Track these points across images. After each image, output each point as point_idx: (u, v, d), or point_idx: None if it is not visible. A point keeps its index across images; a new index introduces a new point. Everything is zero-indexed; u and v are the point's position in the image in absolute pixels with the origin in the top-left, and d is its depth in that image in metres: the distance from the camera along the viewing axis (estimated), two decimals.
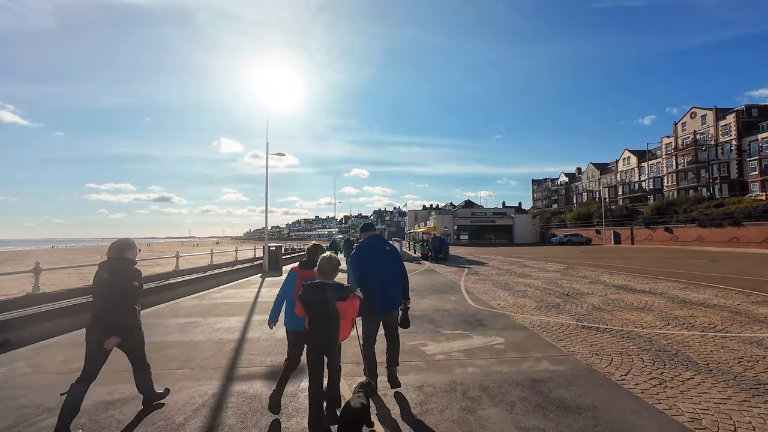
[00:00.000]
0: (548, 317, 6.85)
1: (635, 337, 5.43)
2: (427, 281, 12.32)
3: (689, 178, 59.25)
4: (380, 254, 3.89)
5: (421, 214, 62.03)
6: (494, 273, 14.31)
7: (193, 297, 9.92)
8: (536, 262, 19.02)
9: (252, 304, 8.97)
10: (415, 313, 7.30)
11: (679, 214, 36.84)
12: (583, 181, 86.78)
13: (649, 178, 68.90)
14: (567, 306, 7.79)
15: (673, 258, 20.81)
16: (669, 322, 6.34)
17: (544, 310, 7.43)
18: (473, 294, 9.53)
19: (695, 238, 33.36)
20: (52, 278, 24.48)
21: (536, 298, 8.80)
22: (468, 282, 11.85)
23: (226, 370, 4.53)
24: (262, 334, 6.10)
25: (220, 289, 11.50)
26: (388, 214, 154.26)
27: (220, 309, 8.32)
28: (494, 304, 8.12)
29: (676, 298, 8.36)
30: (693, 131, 58.99)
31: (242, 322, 7.08)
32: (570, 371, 4.21)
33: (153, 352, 5.25)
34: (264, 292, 10.85)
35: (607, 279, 11.93)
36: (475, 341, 5.43)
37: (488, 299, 8.77)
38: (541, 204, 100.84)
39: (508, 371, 4.25)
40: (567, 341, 5.33)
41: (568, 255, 24.61)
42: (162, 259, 23.59)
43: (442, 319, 6.89)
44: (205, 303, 9.06)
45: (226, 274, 14.38)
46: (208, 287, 12.00)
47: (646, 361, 4.46)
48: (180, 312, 8.07)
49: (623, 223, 44.57)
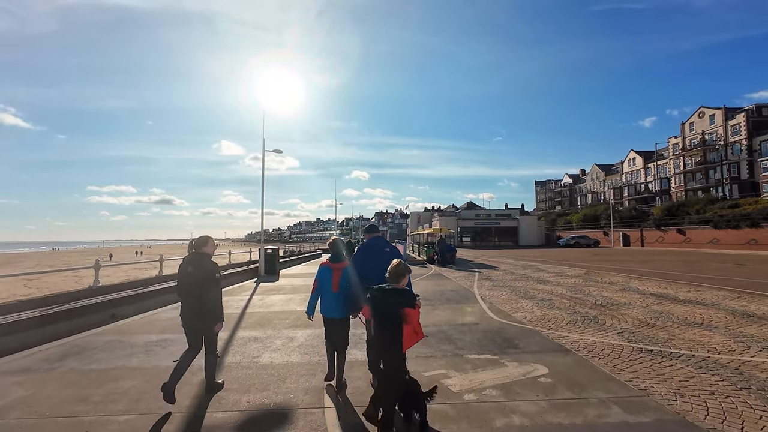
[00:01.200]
0: (590, 335, 5.67)
1: (717, 368, 4.25)
2: (437, 288, 11.15)
3: (698, 178, 57.96)
4: (380, 255, 3.92)
5: (423, 216, 60.90)
6: (509, 278, 13.12)
7: (173, 307, 8.77)
8: (550, 265, 17.82)
9: (239, 315, 7.82)
10: (429, 329, 6.15)
11: (692, 216, 35.56)
12: (587, 182, 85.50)
13: (655, 179, 67.61)
14: (607, 320, 6.60)
15: (695, 261, 19.56)
16: (747, 344, 5.15)
17: (582, 326, 6.25)
18: (492, 304, 8.36)
19: (710, 240, 32.07)
20: (47, 281, 23.52)
21: (566, 309, 7.62)
22: (483, 289, 10.67)
23: (185, 417, 3.37)
24: (244, 359, 4.94)
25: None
26: (390, 216, 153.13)
27: None
28: (519, 317, 6.94)
29: (735, 311, 7.16)
30: (701, 131, 57.72)
31: (223, 339, 5.93)
32: (658, 426, 3.03)
33: (101, 384, 4.11)
34: (256, 300, 9.70)
35: (639, 285, 10.73)
36: (510, 371, 4.25)
37: (510, 310, 7.60)
38: (544, 206, 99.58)
39: (569, 424, 3.07)
40: (630, 372, 4.15)
41: (581, 258, 23.41)
42: (147, 263, 22.44)
43: (461, 337, 5.72)
44: None
45: (223, 278, 13.25)
46: None
47: (756, 409, 3.28)
48: (154, 326, 6.93)
49: (632, 224, 43.31)
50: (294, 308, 8.50)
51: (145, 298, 9.01)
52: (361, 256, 4.06)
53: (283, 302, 9.29)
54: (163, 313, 8.10)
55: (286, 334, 6.22)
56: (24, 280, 22.32)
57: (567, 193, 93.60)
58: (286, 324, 6.92)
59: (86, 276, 23.71)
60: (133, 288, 9.65)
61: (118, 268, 28.56)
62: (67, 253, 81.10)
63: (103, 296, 8.17)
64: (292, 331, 6.37)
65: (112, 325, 6.96)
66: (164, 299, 9.59)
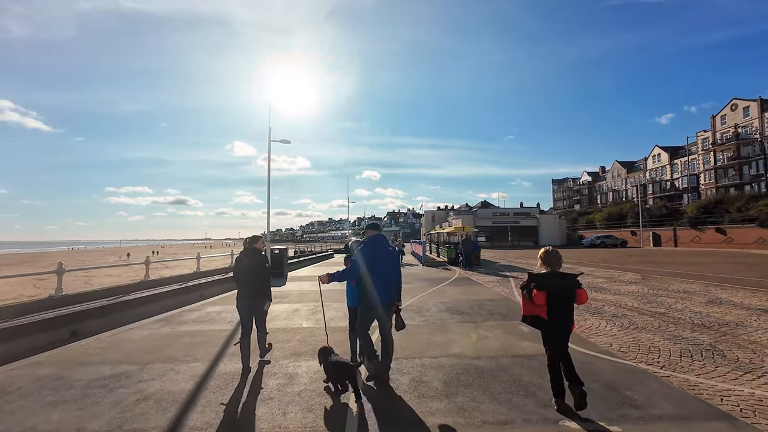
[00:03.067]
0: (734, 381, 3.78)
1: None
2: (471, 296, 9.31)
3: (730, 175, 54.50)
4: (386, 251, 4.08)
5: (438, 215, 58.88)
6: None
7: (154, 320, 7.17)
8: (592, 269, 15.75)
9: (230, 334, 6.16)
10: (481, 362, 4.39)
11: (732, 213, 32.76)
12: (607, 180, 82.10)
13: (682, 176, 64.19)
14: (736, 352, 4.67)
15: (756, 264, 17.17)
16: None
17: (706, 362, 4.36)
18: None
19: (755, 240, 29.32)
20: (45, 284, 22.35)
21: (660, 331, 5.70)
22: None
23: None
24: (214, 417, 3.24)
25: (199, 306, 8.76)
26: (402, 216, 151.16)
27: (178, 346, 5.51)
28: (603, 345, 5.09)
29: None
30: (734, 124, 54.20)
31: (197, 376, 4.25)
32: None
33: None
34: None
35: (726, 296, 8.65)
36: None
37: (582, 331, 5.74)
38: (561, 204, 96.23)
39: None
40: None
41: (617, 260, 21.17)
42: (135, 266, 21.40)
43: (537, 381, 3.89)
44: (164, 333, 6.28)
45: (215, 284, 11.66)
46: (185, 303, 9.25)
47: None
48: (117, 350, 5.30)
49: (662, 223, 40.52)
50: (299, 324, 6.79)
51: (122, 309, 7.41)
52: (370, 250, 4.01)
53: (287, 315, 7.60)
54: (139, 329, 6.49)
55: (285, 367, 4.50)
56: (34, 280, 21.16)
57: (586, 192, 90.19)
58: (286, 350, 5.21)
59: (96, 276, 22.57)
60: (110, 297, 8.08)
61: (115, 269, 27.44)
62: (85, 252, 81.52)
63: (63, 309, 6.58)
64: (293, 363, 4.65)
65: (61, 349, 5.36)
66: (147, 310, 8.00)
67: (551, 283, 3.14)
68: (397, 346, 4.48)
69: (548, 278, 3.20)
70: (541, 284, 3.13)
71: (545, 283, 3.14)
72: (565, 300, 3.14)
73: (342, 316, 6.95)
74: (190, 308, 8.53)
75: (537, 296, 3.10)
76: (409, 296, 9.43)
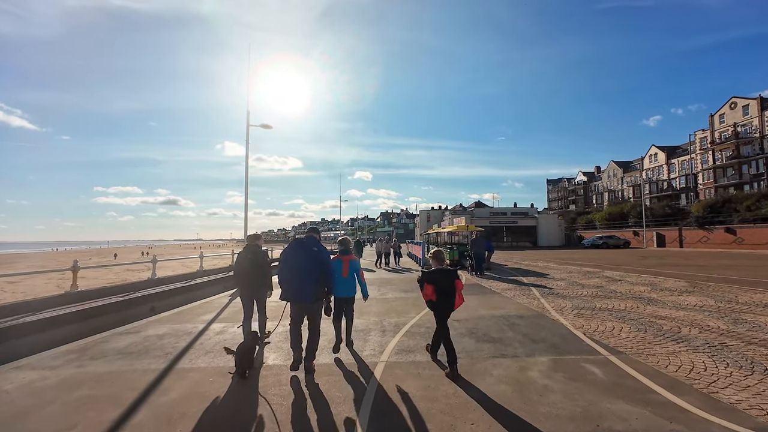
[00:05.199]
0: None
1: None
2: (493, 311, 7.30)
3: (729, 174, 53.59)
4: (301, 253, 4.34)
5: (434, 215, 56.99)
6: (586, 294, 9.23)
7: (62, 352, 5.04)
8: (616, 272, 13.88)
9: (158, 376, 4.09)
10: None
11: (741, 213, 31.37)
12: (603, 180, 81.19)
13: (680, 175, 63.32)
14: None
15: None
16: None
17: None
18: (627, 356, 4.52)
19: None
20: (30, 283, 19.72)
21: None
22: (566, 314, 6.86)
23: None
24: None
25: (142, 325, 6.64)
26: (396, 216, 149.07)
27: (57, 410, 3.42)
28: (745, 408, 3.14)
29: None
30: (733, 123, 53.31)
31: None
32: None
33: None
34: (212, 332, 5.99)
35: None
36: None
37: (687, 376, 3.79)
38: (557, 205, 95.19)
39: None
40: None
41: (631, 262, 19.42)
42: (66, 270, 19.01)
43: None
44: (57, 378, 4.16)
45: (177, 292, 9.54)
46: (124, 320, 7.12)
47: None
48: None
49: (666, 223, 39.12)
50: (268, 361, 4.71)
51: (13, 337, 5.25)
52: (285, 252, 4.47)
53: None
54: (24, 370, 4.37)
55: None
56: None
57: (581, 192, 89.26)
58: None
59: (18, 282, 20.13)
60: (11, 317, 5.91)
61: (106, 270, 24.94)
62: (67, 254, 77.85)
63: None
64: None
65: None
66: (58, 335, 5.84)
67: (437, 277, 4.20)
68: (404, 413, 2.47)
69: (435, 273, 4.26)
70: (429, 279, 4.20)
71: (432, 278, 4.20)
72: (448, 289, 4.14)
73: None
74: (126, 329, 6.40)
75: (427, 287, 4.19)
76: (414, 311, 7.43)
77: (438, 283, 4.12)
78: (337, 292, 4.86)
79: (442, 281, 4.13)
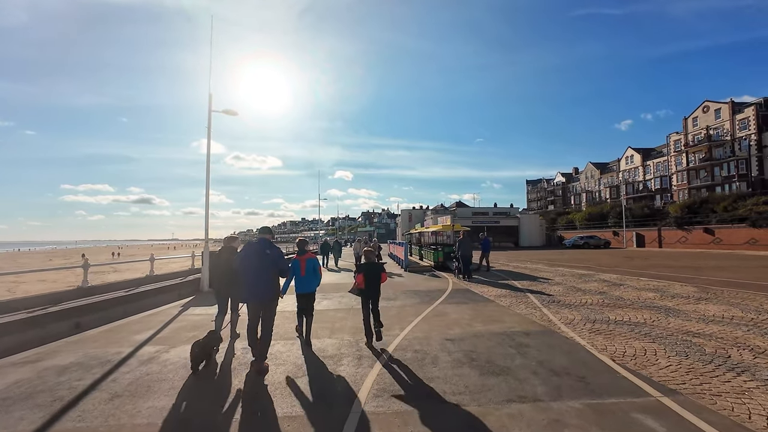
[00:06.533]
0: None
1: None
2: (492, 326, 6.05)
3: (702, 176, 54.94)
4: (257, 255, 4.42)
5: (415, 214, 55.94)
6: (590, 301, 8.16)
7: None
8: (612, 275, 13.02)
9: None
10: None
11: (719, 213, 31.69)
12: (581, 181, 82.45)
13: (654, 177, 64.71)
14: None
15: None
16: None
17: None
18: (678, 393, 3.36)
19: (746, 241, 28.15)
20: None
21: None
22: (580, 329, 5.70)
23: None
24: None
25: (56, 348, 5.09)
26: (377, 216, 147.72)
27: None
28: None
29: None
30: (705, 126, 54.71)
31: None
32: None
33: None
34: (144, 354, 4.48)
35: None
36: None
37: (756, 418, 2.65)
38: (536, 205, 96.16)
39: None
40: None
41: (618, 263, 18.79)
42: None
43: None
44: None
45: (115, 303, 7.91)
46: (30, 343, 5.51)
47: None
48: None
49: (645, 223, 39.41)
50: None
51: None
52: (240, 256, 4.59)
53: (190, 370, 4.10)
54: None
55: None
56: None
57: (560, 192, 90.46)
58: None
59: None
60: None
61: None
62: (27, 255, 72.53)
63: None
64: None
65: None
66: None
67: (366, 269, 5.29)
68: None
69: (365, 266, 5.35)
70: (360, 270, 5.29)
71: (362, 269, 5.29)
72: (373, 278, 5.25)
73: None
74: (24, 357, 4.83)
75: (358, 277, 5.26)
76: (397, 326, 6.14)
77: (367, 274, 5.25)
78: (298, 288, 5.36)
79: (370, 273, 5.26)
